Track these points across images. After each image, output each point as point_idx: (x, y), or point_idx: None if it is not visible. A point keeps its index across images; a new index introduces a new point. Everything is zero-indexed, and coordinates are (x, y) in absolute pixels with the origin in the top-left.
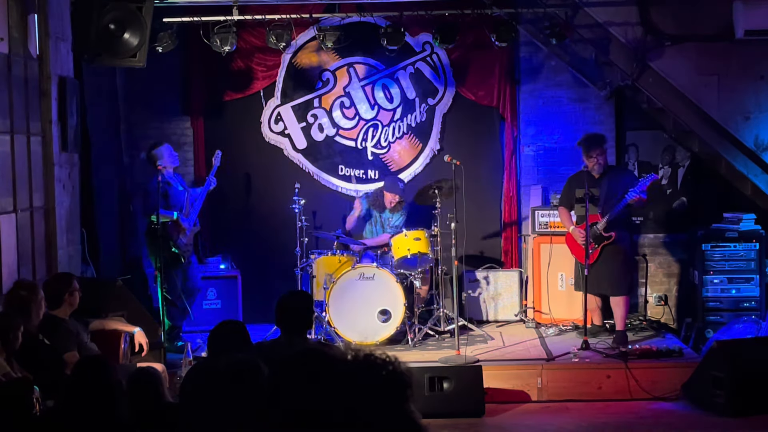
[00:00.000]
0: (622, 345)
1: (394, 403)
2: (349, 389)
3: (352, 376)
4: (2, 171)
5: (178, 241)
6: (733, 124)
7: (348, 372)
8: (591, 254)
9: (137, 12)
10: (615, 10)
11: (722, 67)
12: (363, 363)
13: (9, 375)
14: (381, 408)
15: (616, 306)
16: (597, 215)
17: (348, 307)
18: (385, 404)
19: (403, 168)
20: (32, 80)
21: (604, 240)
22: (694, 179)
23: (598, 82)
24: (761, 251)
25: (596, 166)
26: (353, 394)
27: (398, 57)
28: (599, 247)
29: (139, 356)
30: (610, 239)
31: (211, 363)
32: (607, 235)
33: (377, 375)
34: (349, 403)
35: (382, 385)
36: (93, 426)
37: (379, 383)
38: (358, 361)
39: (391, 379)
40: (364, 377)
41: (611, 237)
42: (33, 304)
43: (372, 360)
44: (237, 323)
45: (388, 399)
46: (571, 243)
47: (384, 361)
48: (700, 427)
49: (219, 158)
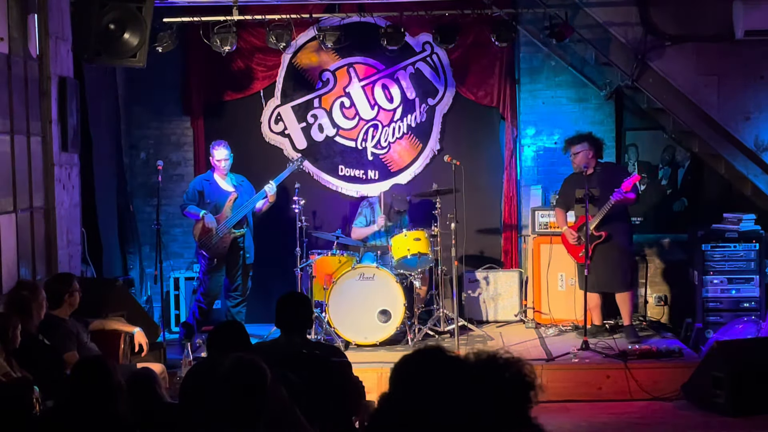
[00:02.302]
0: (634, 339)
1: (517, 405)
2: (471, 390)
3: (475, 376)
4: (2, 171)
5: (203, 240)
6: (733, 124)
7: (470, 372)
8: (584, 254)
9: (137, 12)
10: (615, 10)
11: (722, 67)
12: (487, 363)
13: (9, 375)
14: (503, 410)
15: (622, 302)
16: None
17: (348, 307)
18: (508, 406)
19: (403, 168)
20: (32, 80)
21: (596, 239)
22: (694, 179)
23: (598, 82)
24: (761, 251)
25: (579, 165)
26: (476, 396)
27: (398, 57)
28: (591, 246)
29: (139, 356)
30: (600, 238)
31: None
32: (597, 234)
33: (501, 376)
34: (471, 405)
35: (506, 387)
36: (92, 426)
37: (503, 385)
38: (481, 362)
39: (516, 380)
40: (487, 378)
41: (602, 236)
42: (34, 305)
43: (496, 360)
44: (236, 323)
45: (511, 401)
46: (565, 243)
47: (508, 362)
48: (700, 427)
49: (295, 166)
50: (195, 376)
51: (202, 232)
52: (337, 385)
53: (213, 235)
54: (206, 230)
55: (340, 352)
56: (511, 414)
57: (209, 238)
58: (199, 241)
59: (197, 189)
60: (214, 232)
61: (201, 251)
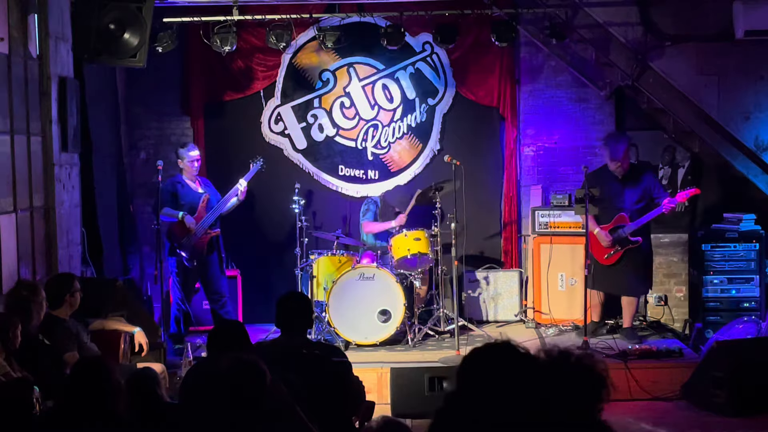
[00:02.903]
0: (634, 340)
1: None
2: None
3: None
4: (2, 171)
5: (182, 242)
6: (733, 124)
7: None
8: (612, 256)
9: (137, 12)
10: (615, 10)
11: (722, 67)
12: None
13: (9, 375)
14: (573, 407)
15: (628, 305)
16: (623, 217)
17: (348, 307)
18: (578, 404)
19: (403, 168)
20: (32, 80)
21: (630, 244)
22: (694, 179)
23: (598, 82)
24: (761, 251)
25: (619, 169)
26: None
27: (398, 57)
28: (622, 250)
29: (139, 356)
30: (636, 244)
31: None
32: (633, 240)
33: (573, 373)
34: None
35: (578, 384)
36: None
37: (575, 381)
38: (553, 358)
39: (588, 377)
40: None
41: (638, 242)
42: (34, 305)
43: (569, 357)
44: (236, 323)
45: (581, 398)
46: (592, 242)
47: (580, 359)
48: (700, 427)
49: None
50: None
51: (181, 232)
52: (337, 384)
53: (192, 236)
54: (186, 231)
55: (340, 352)
56: (582, 412)
57: (188, 238)
58: (178, 242)
59: (171, 191)
60: (193, 233)
61: (180, 252)
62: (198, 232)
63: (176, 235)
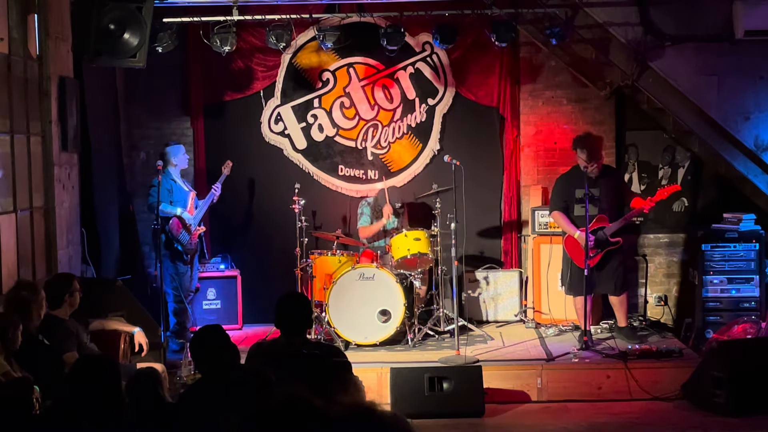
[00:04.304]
0: (634, 339)
1: None
2: None
3: None
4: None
5: (180, 238)
6: (733, 124)
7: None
8: (593, 258)
9: (137, 12)
10: (615, 10)
11: (722, 67)
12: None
13: (9, 375)
14: None
15: (619, 305)
16: (603, 218)
17: (348, 307)
18: None
19: (403, 168)
20: (32, 80)
21: (610, 245)
22: (694, 179)
23: (598, 82)
24: (761, 251)
25: (596, 170)
26: None
27: (398, 57)
28: (602, 252)
29: (138, 356)
30: (616, 245)
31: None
32: (614, 241)
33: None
34: None
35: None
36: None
37: None
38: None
39: None
40: None
41: (618, 243)
42: (33, 305)
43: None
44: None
45: None
46: (572, 247)
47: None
48: (700, 427)
49: (230, 169)
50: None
51: (178, 228)
52: (336, 385)
53: (188, 232)
54: (183, 226)
55: (340, 352)
56: None
57: (185, 234)
58: (176, 237)
59: (167, 188)
60: (190, 229)
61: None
62: (192, 228)
63: (175, 231)
